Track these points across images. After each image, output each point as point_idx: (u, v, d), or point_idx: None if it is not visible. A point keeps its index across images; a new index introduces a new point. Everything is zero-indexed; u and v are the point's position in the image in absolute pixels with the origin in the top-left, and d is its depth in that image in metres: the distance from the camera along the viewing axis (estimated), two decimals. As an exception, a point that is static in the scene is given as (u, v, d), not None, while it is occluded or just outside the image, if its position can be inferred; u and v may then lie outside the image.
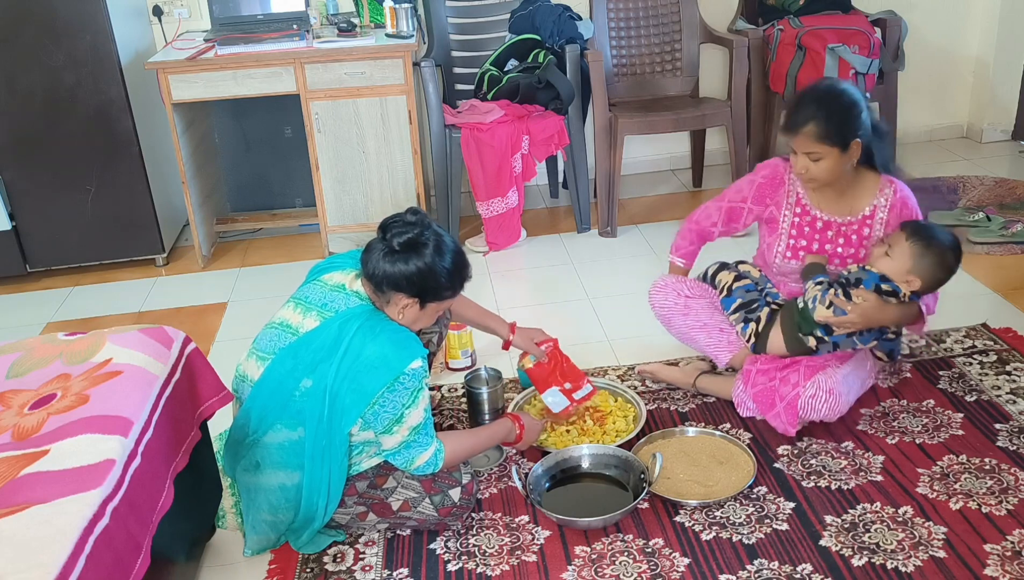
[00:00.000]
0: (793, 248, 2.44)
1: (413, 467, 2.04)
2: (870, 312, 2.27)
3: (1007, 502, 2.11)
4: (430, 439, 2.03)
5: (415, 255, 1.95)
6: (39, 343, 2.09)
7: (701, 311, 2.52)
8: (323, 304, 2.03)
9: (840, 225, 2.39)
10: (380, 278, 1.96)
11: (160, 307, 3.51)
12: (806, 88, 2.33)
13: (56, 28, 3.40)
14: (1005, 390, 2.54)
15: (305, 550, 2.13)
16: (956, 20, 4.44)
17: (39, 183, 3.61)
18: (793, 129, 2.24)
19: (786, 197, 2.44)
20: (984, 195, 3.87)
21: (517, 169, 3.63)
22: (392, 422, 1.96)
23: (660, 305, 2.56)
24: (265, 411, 2.02)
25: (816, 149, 2.23)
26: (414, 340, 1.99)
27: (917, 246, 2.26)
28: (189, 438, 2.00)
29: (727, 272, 2.52)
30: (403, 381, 1.93)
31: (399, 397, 1.94)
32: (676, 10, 3.95)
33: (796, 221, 2.43)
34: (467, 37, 4.00)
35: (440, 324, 2.38)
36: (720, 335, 2.50)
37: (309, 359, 1.97)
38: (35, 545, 1.44)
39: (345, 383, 1.93)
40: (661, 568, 2.00)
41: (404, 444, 2.00)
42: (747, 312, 2.44)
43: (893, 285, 2.29)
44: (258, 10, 3.86)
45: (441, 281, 1.98)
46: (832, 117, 2.21)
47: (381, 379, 1.92)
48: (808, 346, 2.37)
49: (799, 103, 2.26)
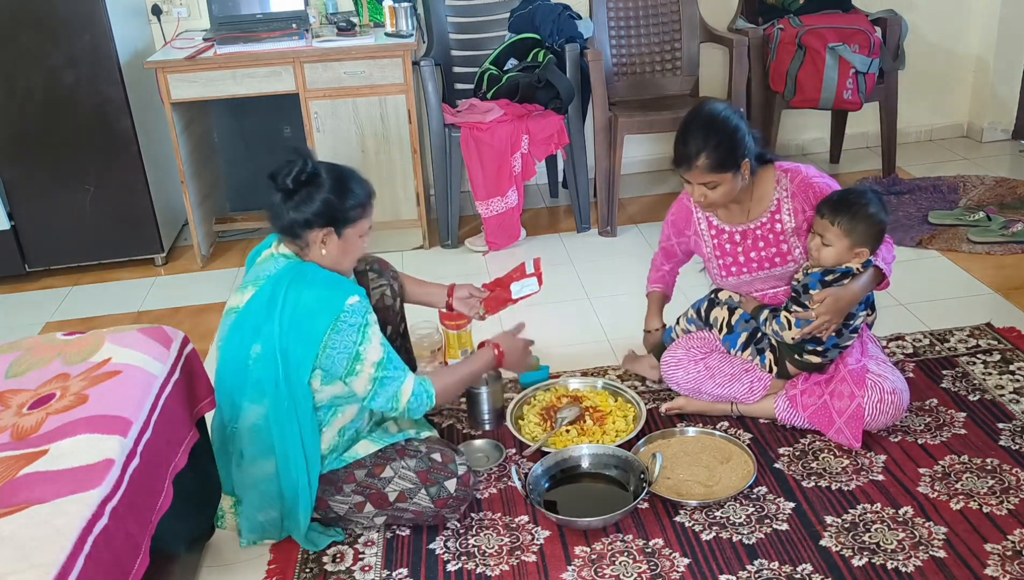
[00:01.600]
0: (724, 266, 2.47)
1: (402, 406, 2.03)
2: (836, 304, 2.26)
3: (1008, 502, 2.11)
4: (402, 372, 2.03)
5: (310, 186, 1.99)
6: (38, 343, 2.09)
7: (722, 365, 2.47)
8: (256, 277, 2.07)
9: (754, 230, 2.41)
10: (290, 224, 2.01)
11: (159, 307, 3.51)
12: (686, 119, 2.32)
13: (55, 27, 3.40)
14: (1008, 389, 2.53)
15: (306, 545, 2.13)
16: (956, 19, 4.44)
17: (38, 182, 3.60)
18: (685, 163, 2.26)
19: (697, 225, 2.49)
20: (984, 195, 3.86)
21: (517, 168, 3.62)
22: (350, 362, 1.96)
23: (684, 380, 2.50)
24: (231, 394, 2.05)
25: (711, 179, 2.26)
26: (347, 280, 2.03)
27: (844, 223, 2.23)
28: (188, 438, 2.00)
29: (719, 308, 2.49)
30: (345, 318, 1.95)
31: (347, 336, 1.95)
32: (676, 9, 3.94)
33: (715, 242, 2.46)
34: (466, 36, 3.99)
35: (387, 277, 2.39)
36: (749, 376, 2.45)
37: (251, 325, 2.00)
38: (34, 545, 1.44)
39: (291, 335, 1.95)
40: (661, 568, 2.00)
41: (376, 382, 1.99)
42: (756, 344, 2.44)
43: (840, 269, 2.27)
44: (257, 9, 3.85)
45: (346, 202, 2.01)
46: (720, 146, 2.23)
47: (324, 321, 1.94)
48: (815, 362, 2.37)
49: (685, 136, 2.27)
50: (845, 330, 2.33)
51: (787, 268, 2.40)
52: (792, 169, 2.39)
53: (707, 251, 2.49)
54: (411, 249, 3.82)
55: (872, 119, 4.27)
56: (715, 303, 2.50)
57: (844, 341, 2.35)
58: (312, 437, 2.03)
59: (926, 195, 3.90)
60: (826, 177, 2.39)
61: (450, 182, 3.72)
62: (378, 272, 2.38)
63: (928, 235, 3.50)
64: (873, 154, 4.45)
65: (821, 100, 3.78)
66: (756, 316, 2.42)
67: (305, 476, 2.04)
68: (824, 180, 2.37)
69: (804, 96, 3.80)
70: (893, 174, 4.12)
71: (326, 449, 2.09)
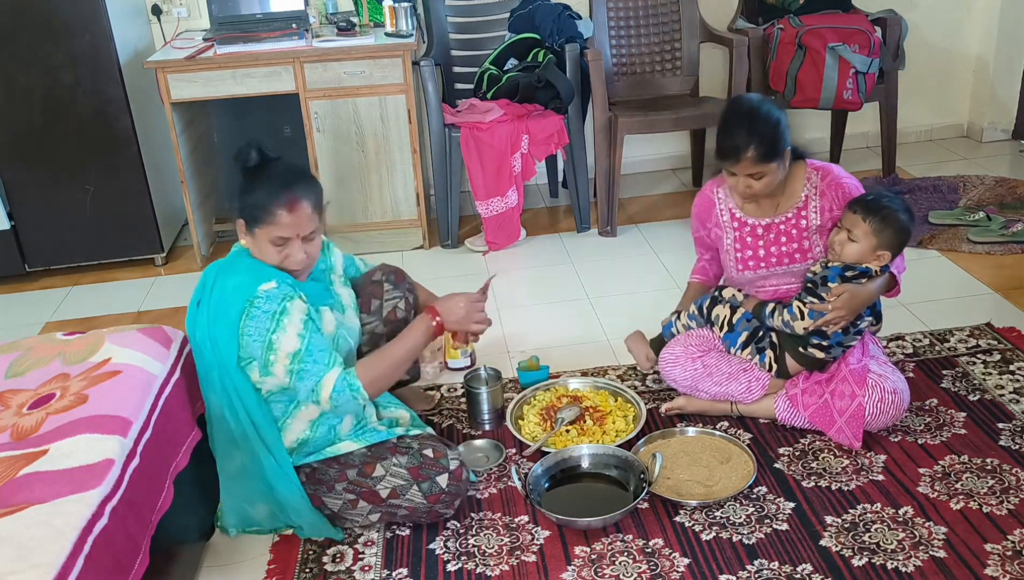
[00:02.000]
0: (742, 260, 2.46)
1: (324, 397, 1.98)
2: (852, 300, 2.28)
3: (1008, 502, 2.10)
4: (323, 366, 1.97)
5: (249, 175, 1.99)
6: (38, 343, 2.09)
7: (720, 363, 2.47)
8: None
9: (779, 225, 2.41)
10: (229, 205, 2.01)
11: (159, 307, 3.51)
12: (728, 113, 2.32)
13: (55, 27, 3.40)
14: (1008, 389, 2.53)
15: (302, 533, 2.15)
16: (956, 19, 4.44)
17: (38, 182, 3.60)
18: (733, 156, 2.26)
19: (720, 217, 2.48)
20: (984, 194, 3.86)
21: (516, 168, 3.62)
22: (264, 351, 1.94)
23: (680, 377, 2.50)
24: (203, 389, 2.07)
25: (758, 169, 2.27)
26: (272, 270, 1.99)
27: (875, 222, 2.26)
28: (189, 438, 2.00)
29: (720, 306, 2.49)
30: (257, 304, 1.93)
31: (259, 322, 1.93)
32: (676, 9, 3.94)
33: (736, 235, 2.46)
34: (466, 36, 3.99)
35: (402, 289, 2.36)
36: (747, 375, 2.45)
37: (191, 313, 2.03)
38: (34, 545, 1.44)
39: (217, 321, 1.97)
40: (661, 568, 2.00)
41: (293, 374, 1.96)
42: (756, 343, 2.44)
43: (860, 268, 2.30)
44: (257, 9, 3.85)
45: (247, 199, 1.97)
46: (765, 137, 2.24)
47: (237, 307, 1.94)
48: (819, 358, 2.37)
49: (730, 130, 2.27)
50: (852, 329, 2.33)
51: (804, 265, 2.40)
52: (823, 167, 2.41)
53: (727, 243, 2.48)
54: (411, 249, 3.82)
55: (872, 119, 4.27)
56: (717, 301, 2.50)
57: (849, 340, 2.36)
58: (268, 427, 2.04)
59: (926, 195, 3.90)
60: (854, 179, 2.41)
61: (450, 182, 3.72)
62: (393, 284, 2.35)
63: (928, 235, 3.50)
64: (873, 154, 4.45)
65: (821, 100, 3.78)
66: (758, 313, 2.42)
67: (276, 468, 2.04)
68: (853, 181, 2.39)
69: (804, 96, 3.80)
70: (893, 174, 4.12)
71: (294, 442, 2.09)
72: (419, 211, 3.76)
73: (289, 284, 1.98)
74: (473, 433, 2.54)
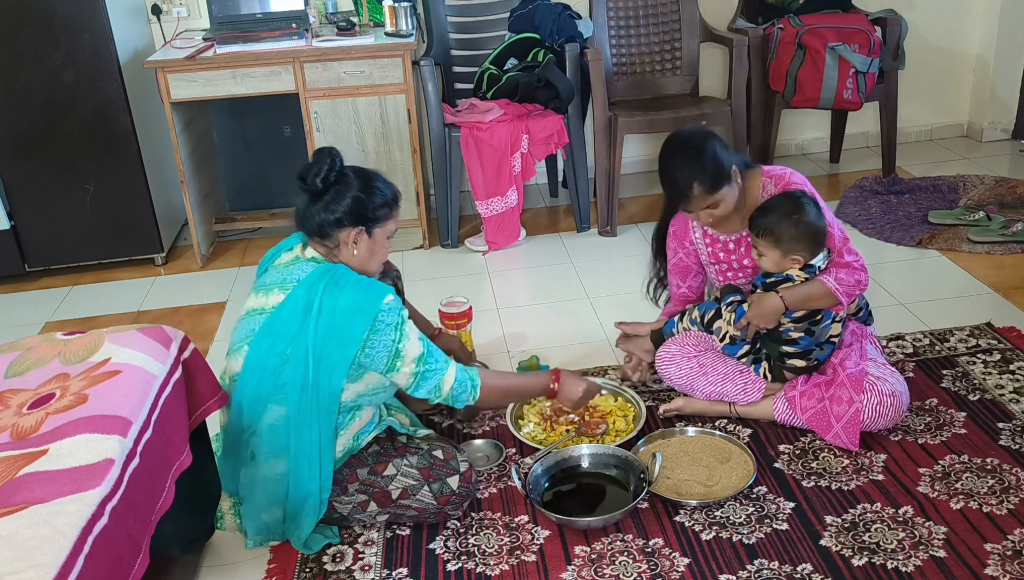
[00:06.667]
0: (721, 271, 2.54)
1: (445, 394, 2.06)
2: (755, 308, 2.34)
3: (1008, 501, 2.11)
4: (444, 363, 2.06)
5: (340, 185, 2.03)
6: (38, 342, 2.08)
7: (716, 362, 2.48)
8: (283, 280, 2.07)
9: (746, 238, 2.44)
10: (321, 224, 2.03)
11: (159, 306, 3.51)
12: (663, 157, 2.36)
13: (55, 27, 3.40)
14: (1009, 389, 2.53)
15: (303, 549, 2.12)
16: (956, 19, 4.44)
17: (38, 182, 3.60)
18: (683, 199, 2.31)
19: (692, 234, 2.53)
20: (984, 194, 3.86)
21: (516, 168, 3.62)
22: (391, 359, 1.99)
23: (677, 376, 2.51)
24: (255, 397, 2.04)
25: (711, 201, 2.30)
26: (377, 281, 2.04)
27: (767, 236, 2.30)
28: (189, 438, 1.99)
29: (722, 321, 2.49)
30: (382, 318, 1.96)
31: (385, 335, 1.96)
32: (676, 9, 3.94)
33: (710, 251, 2.52)
34: (466, 36, 3.99)
35: (390, 278, 2.39)
36: (744, 377, 2.46)
37: (283, 331, 2.00)
38: (33, 545, 1.44)
39: (329, 342, 1.96)
40: (661, 568, 2.00)
41: (418, 376, 2.02)
42: (754, 353, 2.44)
43: (778, 275, 2.34)
44: (257, 9, 3.85)
45: (375, 200, 2.04)
46: (707, 169, 2.26)
47: (362, 324, 1.95)
48: (800, 366, 2.39)
49: (671, 175, 2.32)
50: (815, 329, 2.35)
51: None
52: (777, 174, 2.42)
53: (704, 259, 2.55)
54: (411, 249, 3.82)
55: (872, 119, 4.27)
56: (720, 315, 2.50)
57: (820, 336, 2.37)
58: (328, 441, 2.03)
59: (926, 195, 3.90)
60: (808, 184, 2.41)
61: (450, 182, 3.72)
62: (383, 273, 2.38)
63: (928, 235, 3.50)
64: (873, 154, 4.45)
65: (821, 100, 3.78)
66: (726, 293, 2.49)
67: (317, 481, 2.04)
68: (808, 187, 2.39)
69: (804, 96, 3.80)
70: (893, 174, 4.12)
71: (341, 450, 2.09)
72: (419, 211, 3.76)
73: (394, 293, 2.02)
74: (473, 433, 2.54)
